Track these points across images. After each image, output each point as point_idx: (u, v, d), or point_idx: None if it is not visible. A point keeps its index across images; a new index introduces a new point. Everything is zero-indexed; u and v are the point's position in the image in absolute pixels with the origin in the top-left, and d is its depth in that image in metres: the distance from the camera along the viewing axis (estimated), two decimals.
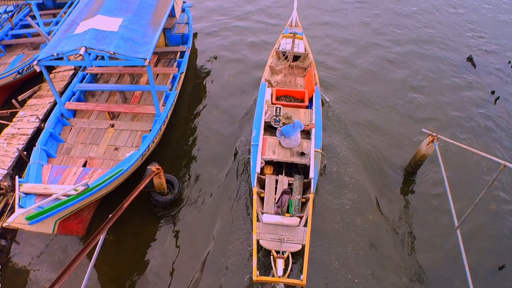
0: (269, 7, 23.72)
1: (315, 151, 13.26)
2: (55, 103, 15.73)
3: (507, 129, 16.23)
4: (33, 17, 19.44)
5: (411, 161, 14.17)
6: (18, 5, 20.56)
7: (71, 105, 14.82)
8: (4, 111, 16.66)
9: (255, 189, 12.38)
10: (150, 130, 13.77)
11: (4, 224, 9.81)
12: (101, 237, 9.53)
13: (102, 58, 13.90)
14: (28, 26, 20.05)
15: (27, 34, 19.75)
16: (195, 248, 12.52)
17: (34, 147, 13.11)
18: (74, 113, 15.22)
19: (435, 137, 12.61)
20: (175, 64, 17.32)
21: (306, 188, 12.94)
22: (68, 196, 10.57)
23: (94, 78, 16.99)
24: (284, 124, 13.46)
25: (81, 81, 16.21)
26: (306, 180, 13.01)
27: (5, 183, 13.55)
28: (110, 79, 17.03)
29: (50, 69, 17.08)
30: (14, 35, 19.99)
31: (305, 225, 11.52)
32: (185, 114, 16.76)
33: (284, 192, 12.11)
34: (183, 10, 19.85)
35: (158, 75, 17.01)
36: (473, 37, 21.53)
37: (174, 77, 16.44)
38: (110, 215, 10.54)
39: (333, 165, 14.69)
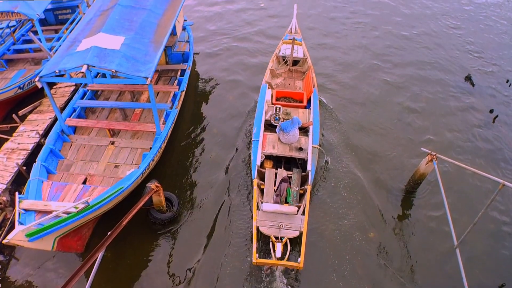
0: (269, 28, 23.89)
1: (312, 146, 14.06)
2: (55, 119, 15.80)
3: (505, 148, 16.32)
4: (35, 33, 19.56)
5: (410, 180, 14.24)
6: (20, 20, 20.73)
7: (71, 121, 14.87)
8: (5, 125, 16.75)
9: (255, 180, 13.08)
10: (151, 148, 13.81)
11: (4, 241, 9.83)
12: (100, 255, 9.56)
13: (104, 75, 13.96)
14: (30, 41, 20.21)
15: (29, 49, 19.90)
16: (194, 265, 12.49)
17: (34, 163, 13.12)
18: (75, 129, 15.27)
19: (434, 156, 12.69)
20: (176, 82, 17.40)
21: (304, 181, 13.68)
22: (68, 213, 10.58)
23: (95, 94, 17.06)
24: (283, 120, 14.32)
25: (82, 98, 16.28)
26: (304, 173, 13.77)
27: (4, 198, 13.63)
28: (111, 96, 17.08)
29: (51, 84, 17.15)
30: (16, 50, 20.12)
31: (303, 214, 12.20)
32: (185, 132, 16.80)
33: (282, 180, 13.13)
34: (184, 29, 19.95)
35: (158, 92, 17.08)
36: (471, 56, 21.70)
37: (174, 95, 16.49)
38: (109, 233, 10.58)
39: (332, 182, 14.80)
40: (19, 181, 14.36)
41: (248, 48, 22.03)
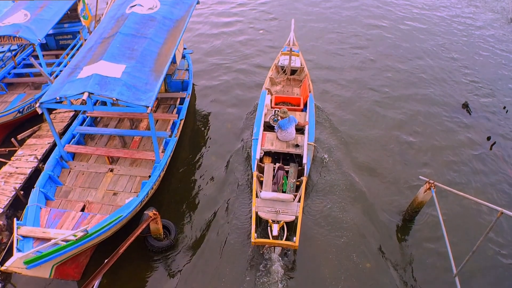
0: (263, 52, 24.27)
1: (308, 143, 15.28)
2: (54, 144, 15.87)
3: (503, 175, 16.38)
4: (36, 57, 19.76)
5: (409, 209, 14.27)
6: (22, 45, 20.86)
7: (70, 148, 14.93)
8: (3, 149, 16.82)
9: (255, 173, 14.32)
10: (150, 176, 13.86)
11: (2, 268, 9.82)
12: (96, 283, 9.60)
13: (104, 103, 14.07)
14: (30, 65, 20.46)
15: (29, 74, 20.07)
16: None
17: (32, 189, 13.14)
18: (73, 155, 15.31)
19: (432, 184, 12.74)
20: (175, 110, 17.50)
21: (300, 175, 14.76)
22: (67, 241, 10.60)
23: (94, 121, 17.13)
24: (281, 118, 15.54)
25: (81, 124, 16.34)
26: (300, 167, 15.02)
27: (0, 222, 13.62)
28: (110, 123, 17.17)
29: (50, 109, 17.22)
30: (17, 74, 20.33)
31: (299, 201, 13.30)
32: (184, 160, 16.86)
33: (279, 168, 14.72)
34: (183, 57, 20.14)
35: (158, 120, 17.15)
36: (468, 82, 21.90)
37: (174, 123, 16.56)
38: (106, 260, 10.63)
39: (327, 209, 14.89)
40: (16, 206, 14.39)
41: (246, 76, 22.19)
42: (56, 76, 18.71)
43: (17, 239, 11.00)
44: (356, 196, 15.33)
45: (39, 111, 13.05)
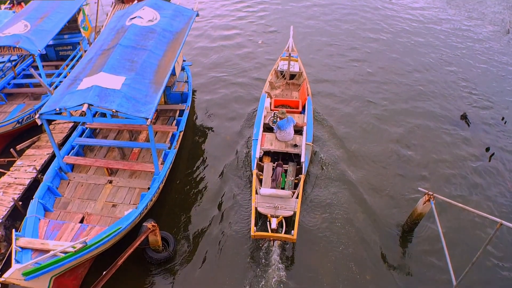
0: (263, 64, 24.34)
1: (306, 143, 15.81)
2: (53, 155, 15.86)
3: (502, 186, 16.39)
4: (36, 68, 19.76)
5: (408, 220, 14.27)
6: (22, 55, 20.92)
7: (69, 159, 14.94)
8: (2, 159, 16.82)
9: (255, 171, 14.83)
10: (149, 188, 13.86)
11: (1, 280, 9.83)
12: None
13: (103, 114, 14.10)
14: (30, 76, 20.43)
15: (29, 84, 20.08)
16: None
17: (31, 200, 13.14)
18: (72, 167, 15.31)
19: (432, 196, 12.75)
20: (174, 122, 17.50)
21: (298, 174, 15.29)
22: (65, 253, 10.61)
23: (93, 132, 17.15)
24: (280, 118, 16.10)
25: (81, 135, 16.35)
26: (298, 166, 15.53)
27: None
28: (109, 135, 17.16)
29: (50, 120, 17.27)
30: (16, 84, 20.37)
31: (297, 197, 13.82)
32: (183, 172, 16.86)
33: (278, 165, 15.43)
34: (183, 69, 20.21)
35: (157, 132, 17.15)
36: (466, 94, 21.98)
37: (173, 135, 16.57)
38: (104, 272, 10.65)
39: (326, 220, 14.92)
40: (15, 216, 14.39)
41: (245, 89, 22.24)
42: (56, 87, 18.77)
43: (16, 250, 10.98)
44: (355, 208, 15.36)
45: (39, 122, 13.08)
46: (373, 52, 26.00)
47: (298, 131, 16.70)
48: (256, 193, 13.99)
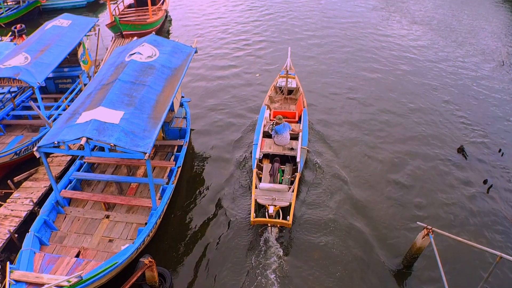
0: (260, 98, 24.30)
1: (301, 147, 17.60)
2: (50, 188, 15.93)
3: (500, 218, 16.43)
4: (35, 100, 19.95)
5: (407, 255, 14.27)
6: (21, 87, 21.09)
7: (67, 193, 14.92)
8: None
9: (255, 170, 16.52)
10: (146, 223, 13.86)
11: None
12: None
13: (101, 148, 14.20)
14: (29, 107, 20.58)
15: (27, 116, 20.21)
16: None
17: (27, 233, 13.12)
18: (70, 201, 15.32)
19: (430, 230, 12.80)
20: (173, 157, 17.58)
21: (294, 172, 16.99)
22: (60, 287, 10.61)
23: (91, 167, 17.21)
24: (277, 124, 17.99)
25: (78, 169, 16.37)
26: (295, 167, 17.20)
27: None
28: (107, 169, 17.23)
29: (48, 153, 17.33)
30: (15, 116, 20.47)
31: (293, 191, 15.53)
32: (181, 208, 16.84)
33: (275, 161, 17.24)
34: (181, 105, 20.38)
35: (155, 167, 17.18)
36: (463, 127, 22.18)
37: (171, 171, 16.58)
38: None
39: (323, 250, 14.97)
40: (10, 249, 14.30)
41: (244, 123, 22.36)
42: (55, 119, 18.88)
43: (10, 283, 10.96)
44: (353, 241, 15.37)
45: (37, 155, 13.12)
46: (370, 84, 26.46)
47: (295, 138, 18.55)
48: (256, 187, 15.67)
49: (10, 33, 31.06)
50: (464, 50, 32.60)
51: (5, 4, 39.78)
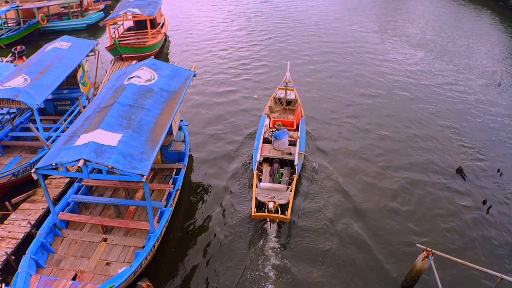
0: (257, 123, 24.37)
1: (299, 152, 18.91)
2: (48, 210, 15.85)
3: (500, 239, 16.43)
4: (34, 121, 19.99)
5: (407, 277, 14.23)
6: (20, 108, 21.10)
7: (64, 216, 14.92)
8: None
9: (256, 171, 17.82)
10: (144, 247, 13.80)
11: None
12: None
13: (100, 171, 14.20)
14: (28, 129, 20.63)
15: (26, 137, 20.23)
16: None
17: (23, 255, 13.09)
18: (67, 223, 15.29)
19: (430, 252, 12.84)
20: (171, 181, 17.62)
21: (292, 175, 18.43)
22: None
23: (89, 190, 17.18)
24: (277, 129, 19.83)
25: (76, 192, 16.37)
26: (292, 170, 18.84)
27: None
28: (105, 192, 17.22)
29: (46, 174, 17.32)
30: (14, 137, 20.50)
31: (290, 191, 16.88)
32: (179, 231, 16.79)
33: (274, 162, 18.69)
34: (180, 128, 20.45)
35: (153, 191, 17.17)
36: (461, 148, 22.31)
37: (169, 194, 16.59)
38: None
39: (321, 275, 14.90)
40: (6, 270, 14.24)
41: (242, 147, 22.37)
42: (53, 141, 19.00)
43: None
44: (353, 266, 15.31)
45: (35, 177, 13.08)
46: (369, 108, 26.59)
47: (293, 144, 19.82)
48: (256, 187, 16.99)
49: (10, 54, 31.26)
50: (460, 71, 33.01)
51: (6, 25, 40.09)
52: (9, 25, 40.83)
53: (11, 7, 39.23)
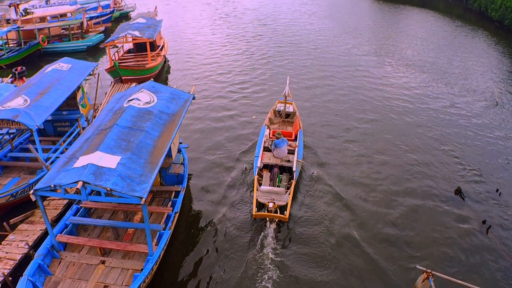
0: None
1: (297, 160, 20.19)
2: (46, 231, 15.80)
3: (500, 259, 16.37)
4: (33, 142, 20.05)
5: None
6: (20, 129, 21.09)
7: (62, 238, 14.86)
8: None
9: (256, 176, 19.26)
10: (142, 269, 13.74)
11: None
12: None
13: (98, 193, 14.23)
14: (27, 149, 20.70)
15: (25, 158, 20.28)
16: None
17: (20, 277, 13.01)
18: (65, 245, 15.22)
19: (430, 274, 12.76)
20: (170, 203, 17.58)
21: (290, 180, 19.77)
22: None
23: (88, 212, 17.14)
24: (277, 138, 21.02)
25: (75, 214, 16.35)
26: (291, 176, 19.98)
27: None
28: (104, 215, 17.18)
29: (44, 196, 17.31)
30: (13, 157, 20.52)
31: (289, 194, 18.12)
32: (178, 253, 16.70)
33: (274, 167, 20.24)
34: (179, 151, 20.50)
35: (152, 213, 17.11)
36: (459, 169, 22.33)
37: (168, 216, 16.58)
38: None
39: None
40: None
41: (240, 168, 22.41)
42: (52, 162, 19.03)
43: None
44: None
45: (33, 198, 13.07)
46: (367, 133, 26.63)
47: (291, 152, 20.95)
48: (257, 190, 18.27)
49: (11, 74, 31.43)
50: (457, 92, 33.33)
51: (7, 46, 40.37)
52: (10, 45, 41.21)
53: (12, 28, 39.66)
